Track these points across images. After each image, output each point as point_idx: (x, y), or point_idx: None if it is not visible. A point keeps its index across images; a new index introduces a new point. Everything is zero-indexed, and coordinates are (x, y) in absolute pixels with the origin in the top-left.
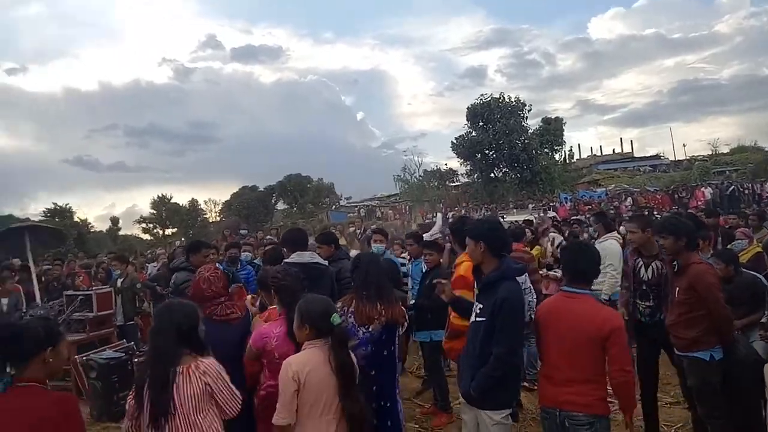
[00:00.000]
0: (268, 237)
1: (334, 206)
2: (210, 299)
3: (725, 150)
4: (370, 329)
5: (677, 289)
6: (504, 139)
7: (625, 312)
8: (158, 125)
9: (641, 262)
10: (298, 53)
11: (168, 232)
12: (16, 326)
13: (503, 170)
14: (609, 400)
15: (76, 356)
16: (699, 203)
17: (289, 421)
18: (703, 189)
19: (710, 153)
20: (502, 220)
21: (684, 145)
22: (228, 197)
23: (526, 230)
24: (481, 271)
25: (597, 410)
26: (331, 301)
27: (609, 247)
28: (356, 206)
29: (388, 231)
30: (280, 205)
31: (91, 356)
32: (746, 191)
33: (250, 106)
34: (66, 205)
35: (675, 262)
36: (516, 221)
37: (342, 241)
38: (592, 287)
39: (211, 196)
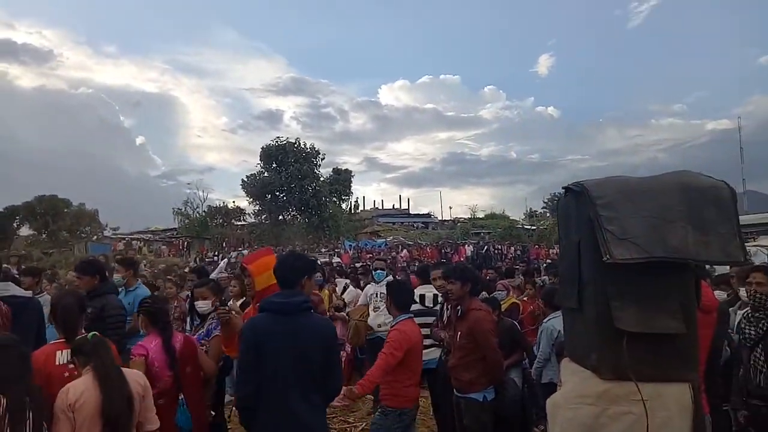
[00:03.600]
0: (5, 266)
1: (95, 236)
2: None
3: (481, 215)
4: None
5: (459, 333)
6: (296, 183)
7: None
8: None
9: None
10: (72, 61)
11: None
12: None
13: (292, 213)
14: None
15: None
16: (461, 258)
17: None
18: (465, 246)
19: (470, 216)
20: None
21: (450, 208)
22: None
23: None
24: None
25: None
26: None
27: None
28: (124, 238)
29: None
30: (24, 230)
31: None
32: (496, 250)
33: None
34: None
35: (459, 307)
36: None
37: None
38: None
39: None
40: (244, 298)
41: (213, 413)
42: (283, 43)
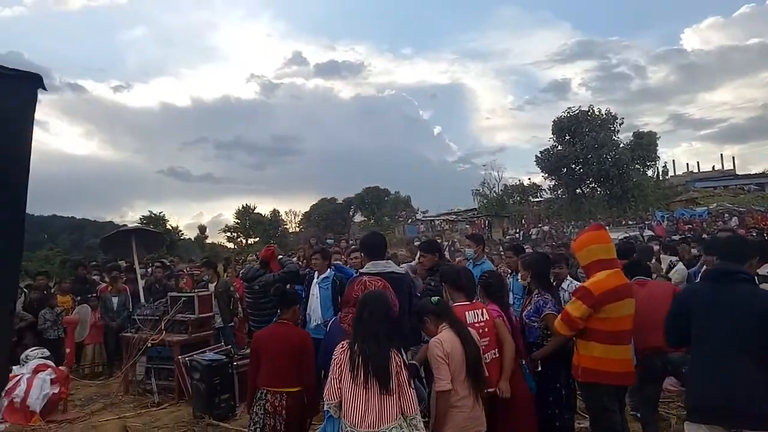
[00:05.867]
0: (353, 245)
1: (410, 219)
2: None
3: None
4: None
5: None
6: (593, 154)
7: None
8: (244, 139)
9: None
10: (378, 68)
11: (250, 241)
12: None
13: (591, 186)
14: None
15: (179, 356)
16: None
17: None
18: None
19: None
20: None
21: None
22: (307, 209)
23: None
24: None
25: None
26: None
27: None
28: (433, 220)
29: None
30: (358, 217)
31: (194, 357)
32: None
33: (330, 121)
34: (160, 213)
35: None
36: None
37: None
38: None
39: (291, 207)
40: None
41: None
42: (568, 7)
